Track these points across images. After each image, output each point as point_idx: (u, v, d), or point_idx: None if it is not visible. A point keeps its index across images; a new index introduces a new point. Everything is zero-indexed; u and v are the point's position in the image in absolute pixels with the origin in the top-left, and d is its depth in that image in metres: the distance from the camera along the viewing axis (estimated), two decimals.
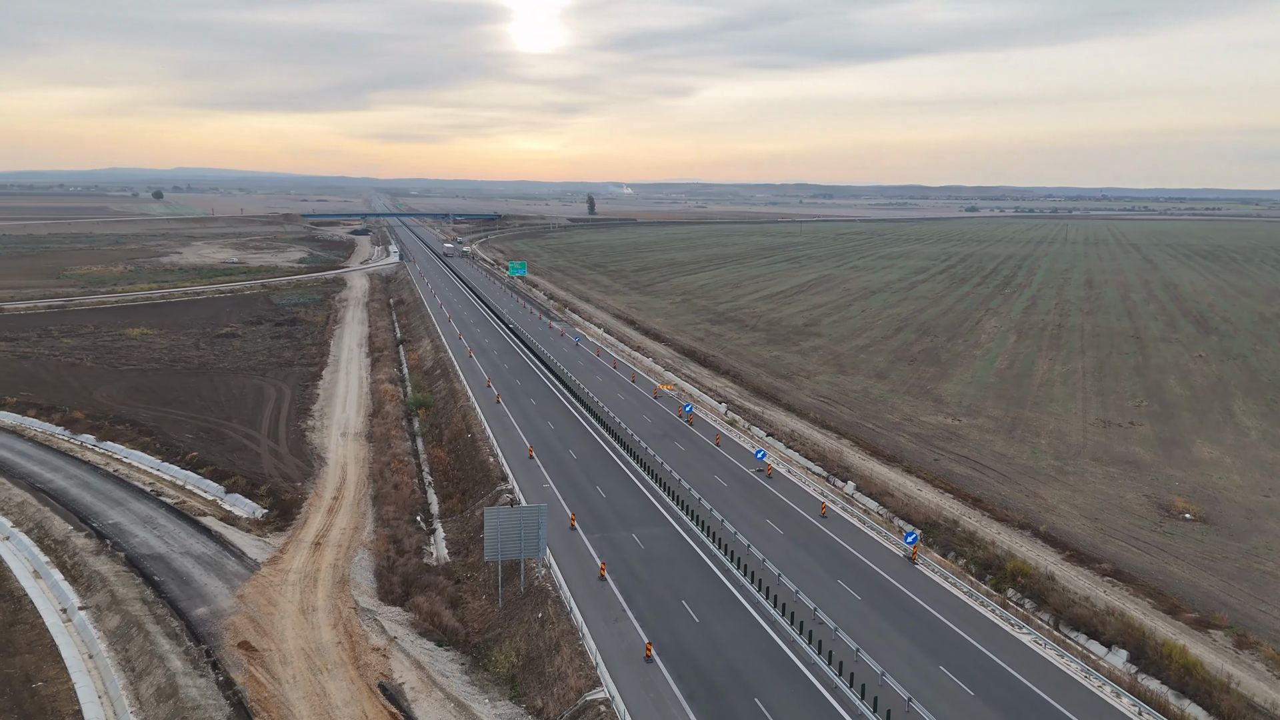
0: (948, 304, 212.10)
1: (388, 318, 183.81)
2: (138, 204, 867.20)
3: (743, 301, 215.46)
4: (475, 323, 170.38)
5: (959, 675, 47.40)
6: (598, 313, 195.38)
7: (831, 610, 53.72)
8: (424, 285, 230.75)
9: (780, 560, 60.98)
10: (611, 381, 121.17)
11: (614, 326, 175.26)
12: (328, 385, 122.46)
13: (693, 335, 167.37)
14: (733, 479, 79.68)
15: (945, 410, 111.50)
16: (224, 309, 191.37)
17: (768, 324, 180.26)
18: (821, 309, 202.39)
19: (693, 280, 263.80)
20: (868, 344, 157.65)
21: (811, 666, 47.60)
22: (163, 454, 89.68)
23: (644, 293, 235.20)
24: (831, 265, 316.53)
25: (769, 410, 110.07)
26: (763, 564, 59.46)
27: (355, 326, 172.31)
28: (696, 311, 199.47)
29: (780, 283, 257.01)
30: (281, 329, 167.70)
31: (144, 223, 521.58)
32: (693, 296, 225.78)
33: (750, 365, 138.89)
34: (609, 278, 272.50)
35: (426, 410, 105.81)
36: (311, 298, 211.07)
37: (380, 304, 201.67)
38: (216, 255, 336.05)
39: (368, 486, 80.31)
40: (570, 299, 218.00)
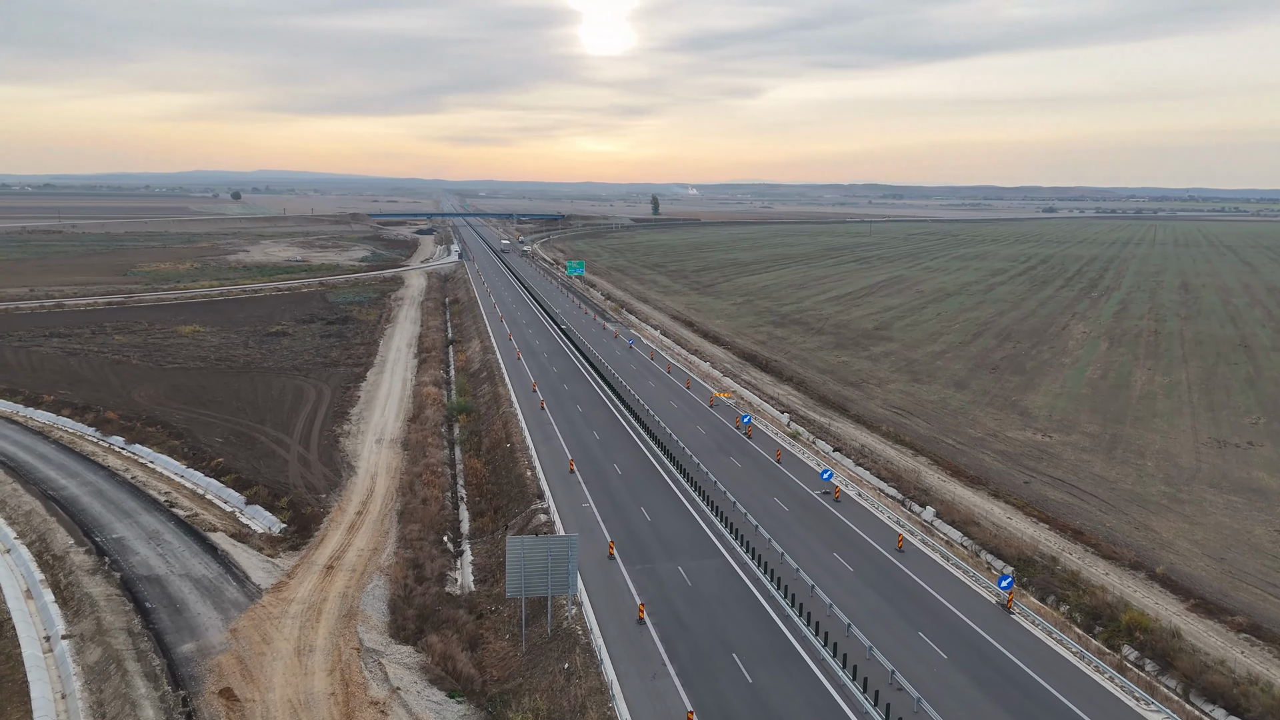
0: (1029, 308, 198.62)
1: (440, 317, 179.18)
2: (216, 204, 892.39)
3: (808, 303, 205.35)
4: (527, 323, 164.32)
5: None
6: (655, 314, 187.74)
7: (913, 673, 44.95)
8: (480, 284, 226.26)
9: (850, 606, 52.38)
10: (664, 388, 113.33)
11: (671, 328, 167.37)
12: (370, 387, 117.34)
13: (754, 338, 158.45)
14: (795, 502, 71.10)
15: (1034, 425, 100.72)
16: (279, 307, 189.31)
17: (835, 327, 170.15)
18: (893, 311, 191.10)
19: (756, 281, 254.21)
20: (944, 349, 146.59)
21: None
22: (189, 459, 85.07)
23: (704, 293, 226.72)
24: (903, 266, 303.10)
25: (836, 422, 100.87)
26: (829, 610, 50.93)
27: (407, 326, 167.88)
28: (759, 313, 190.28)
29: (848, 284, 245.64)
30: (332, 328, 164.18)
31: (218, 222, 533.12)
32: (755, 297, 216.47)
33: (816, 371, 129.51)
34: (669, 278, 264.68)
35: (467, 416, 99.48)
36: (367, 296, 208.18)
37: (435, 303, 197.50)
38: (282, 253, 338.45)
39: (395, 500, 74.00)
40: (627, 299, 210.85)
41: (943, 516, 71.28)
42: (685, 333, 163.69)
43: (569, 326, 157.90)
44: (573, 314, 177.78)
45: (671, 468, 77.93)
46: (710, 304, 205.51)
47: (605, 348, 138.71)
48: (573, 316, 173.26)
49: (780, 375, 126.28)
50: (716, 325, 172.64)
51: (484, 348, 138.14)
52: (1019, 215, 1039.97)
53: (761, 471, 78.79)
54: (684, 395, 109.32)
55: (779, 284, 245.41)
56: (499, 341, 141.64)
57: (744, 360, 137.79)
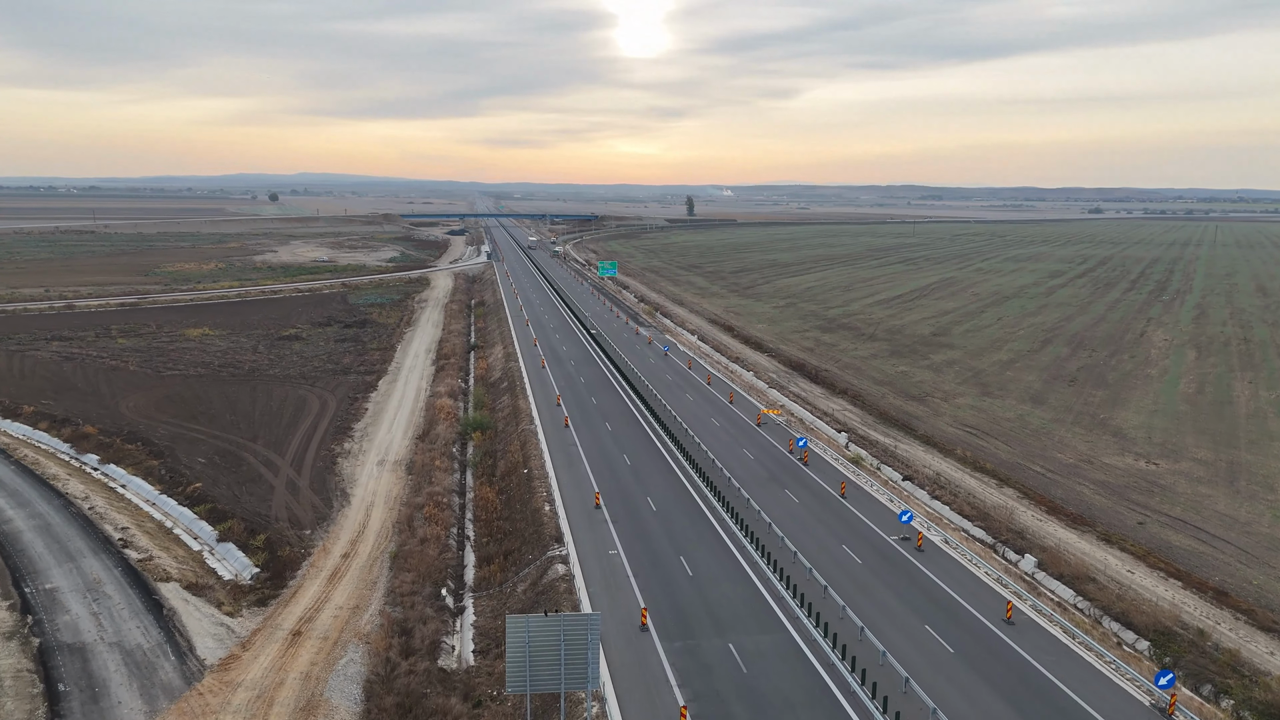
0: (1098, 312, 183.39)
1: (464, 320, 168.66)
2: (253, 206, 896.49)
3: (856, 306, 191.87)
4: (555, 327, 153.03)
5: None
6: (692, 317, 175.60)
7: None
8: (508, 285, 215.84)
9: (959, 710, 39.96)
10: (704, 402, 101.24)
11: (709, 333, 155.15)
12: (380, 398, 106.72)
13: (800, 345, 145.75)
14: (869, 551, 58.71)
15: (1132, 449, 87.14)
16: (296, 309, 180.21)
17: (888, 332, 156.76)
18: (950, 316, 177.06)
19: (798, 282, 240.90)
20: (1012, 358, 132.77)
21: None
22: (165, 483, 74.81)
23: (744, 295, 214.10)
24: (952, 267, 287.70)
25: (902, 443, 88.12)
26: (933, 718, 38.53)
27: (428, 330, 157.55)
28: (803, 317, 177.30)
29: (897, 286, 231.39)
30: (349, 331, 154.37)
31: (251, 223, 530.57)
32: (798, 300, 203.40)
33: (872, 383, 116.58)
34: (705, 279, 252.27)
35: (482, 434, 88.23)
36: (390, 298, 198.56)
37: (460, 305, 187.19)
38: (310, 253, 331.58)
39: (390, 539, 62.85)
40: (662, 301, 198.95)
41: (1047, 568, 58.49)
42: (725, 338, 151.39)
43: (599, 331, 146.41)
44: (603, 317, 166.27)
45: (716, 503, 65.83)
46: (750, 307, 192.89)
47: (638, 355, 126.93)
48: (603, 320, 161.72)
49: (833, 387, 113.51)
50: (758, 330, 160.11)
51: (506, 354, 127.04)
52: (1065, 216, 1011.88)
53: (824, 508, 66.43)
54: (727, 411, 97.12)
55: (823, 286, 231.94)
56: (523, 347, 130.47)
57: (791, 370, 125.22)
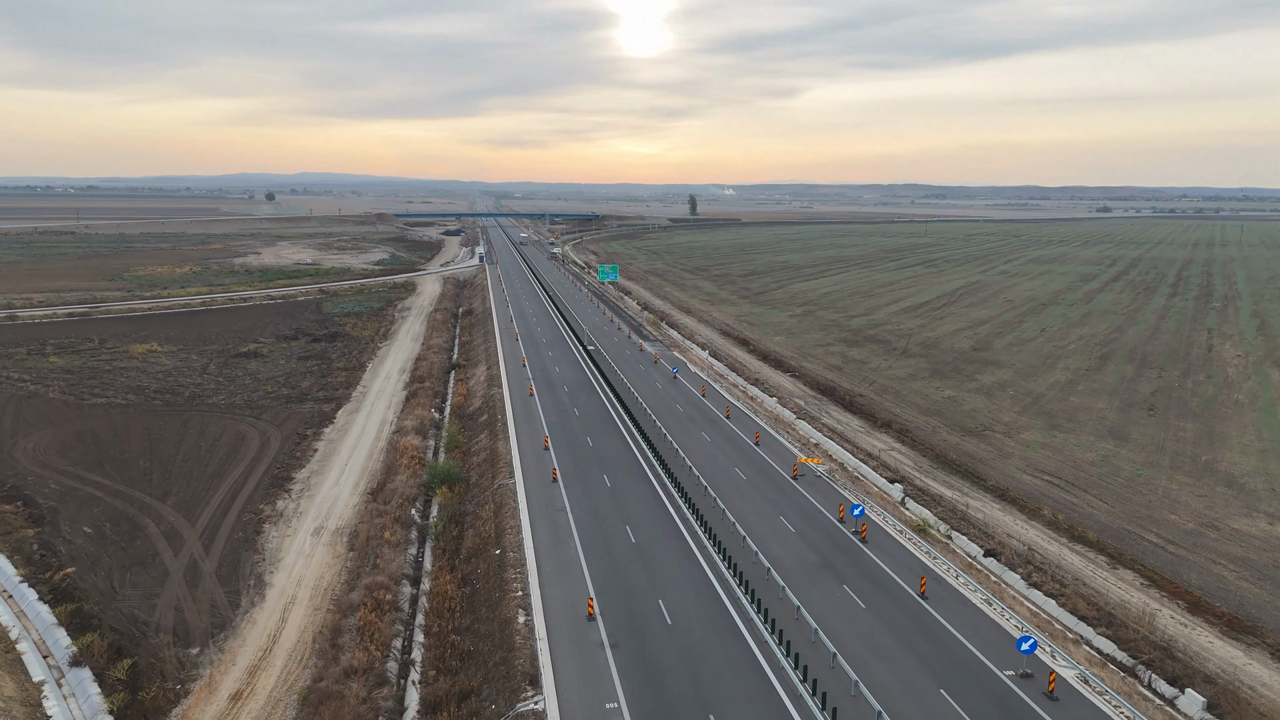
0: (1148, 321, 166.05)
1: (448, 333, 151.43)
2: (248, 205, 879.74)
3: (881, 315, 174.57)
4: (549, 342, 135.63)
5: None
6: (701, 328, 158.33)
7: None
8: (500, 291, 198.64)
9: None
10: (725, 442, 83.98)
11: (722, 348, 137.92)
12: (335, 434, 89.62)
13: (826, 362, 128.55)
14: (982, 698, 41.39)
15: (1261, 506, 69.83)
16: (264, 319, 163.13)
17: (922, 346, 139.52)
18: (987, 326, 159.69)
19: (813, 287, 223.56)
20: (1071, 379, 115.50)
21: None
22: (34, 564, 57.92)
23: (756, 302, 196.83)
24: (975, 270, 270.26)
25: (972, 498, 70.88)
26: None
27: (406, 344, 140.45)
28: (825, 328, 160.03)
29: (921, 291, 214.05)
30: (317, 346, 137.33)
31: (242, 223, 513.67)
32: (816, 307, 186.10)
33: (918, 412, 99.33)
34: (713, 283, 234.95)
35: (450, 489, 71.02)
36: (369, 306, 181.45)
37: (445, 314, 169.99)
38: (294, 255, 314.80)
39: (305, 664, 45.71)
40: (668, 310, 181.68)
41: (1225, 716, 41.27)
42: (740, 354, 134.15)
43: (598, 347, 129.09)
44: (603, 330, 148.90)
45: (754, 613, 48.32)
46: (765, 315, 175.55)
47: (643, 378, 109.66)
48: (603, 333, 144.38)
49: (873, 418, 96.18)
50: (777, 344, 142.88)
51: (490, 377, 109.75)
52: (1074, 215, 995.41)
53: (903, 619, 48.92)
54: (754, 457, 79.78)
55: (841, 291, 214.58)
56: (510, 368, 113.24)
57: (820, 394, 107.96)
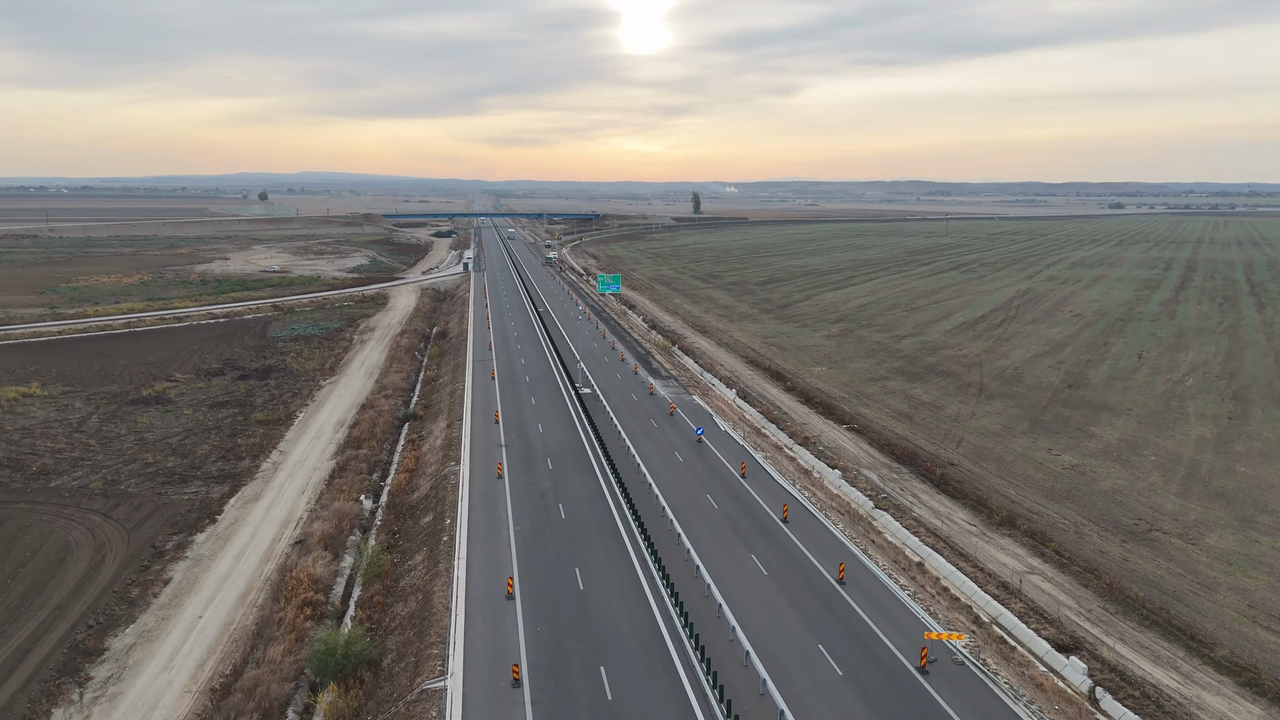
0: (1258, 342, 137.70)
1: (412, 364, 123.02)
2: (239, 205, 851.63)
3: (933, 334, 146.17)
4: (534, 381, 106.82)
5: None
6: (722, 355, 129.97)
7: None
8: (483, 307, 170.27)
9: None
10: (790, 579, 54.84)
11: (752, 385, 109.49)
12: (210, 546, 61.40)
13: (887, 405, 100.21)
14: None
15: None
16: (193, 345, 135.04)
17: (1001, 380, 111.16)
18: (1068, 351, 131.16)
19: (843, 298, 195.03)
20: (1221, 433, 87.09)
21: None
22: None
23: (782, 318, 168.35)
24: (1018, 275, 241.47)
25: (1200, 683, 42.53)
26: None
27: (356, 381, 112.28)
28: (872, 353, 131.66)
29: (969, 302, 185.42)
30: (243, 384, 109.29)
31: (222, 224, 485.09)
32: (854, 324, 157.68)
33: (1040, 494, 70.89)
34: (729, 294, 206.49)
35: (345, 690, 42.43)
36: (325, 326, 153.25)
37: (414, 337, 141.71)
38: (264, 261, 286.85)
39: None
40: (680, 329, 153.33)
41: None
42: (776, 394, 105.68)
43: (596, 391, 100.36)
44: (603, 361, 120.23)
45: None
46: (796, 336, 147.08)
47: (657, 444, 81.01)
48: (603, 368, 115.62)
49: (983, 506, 67.62)
50: (819, 378, 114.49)
51: (449, 440, 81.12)
52: (1088, 212, 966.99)
53: None
54: (844, 612, 50.87)
55: (877, 303, 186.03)
56: (478, 427, 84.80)
57: (895, 462, 79.58)
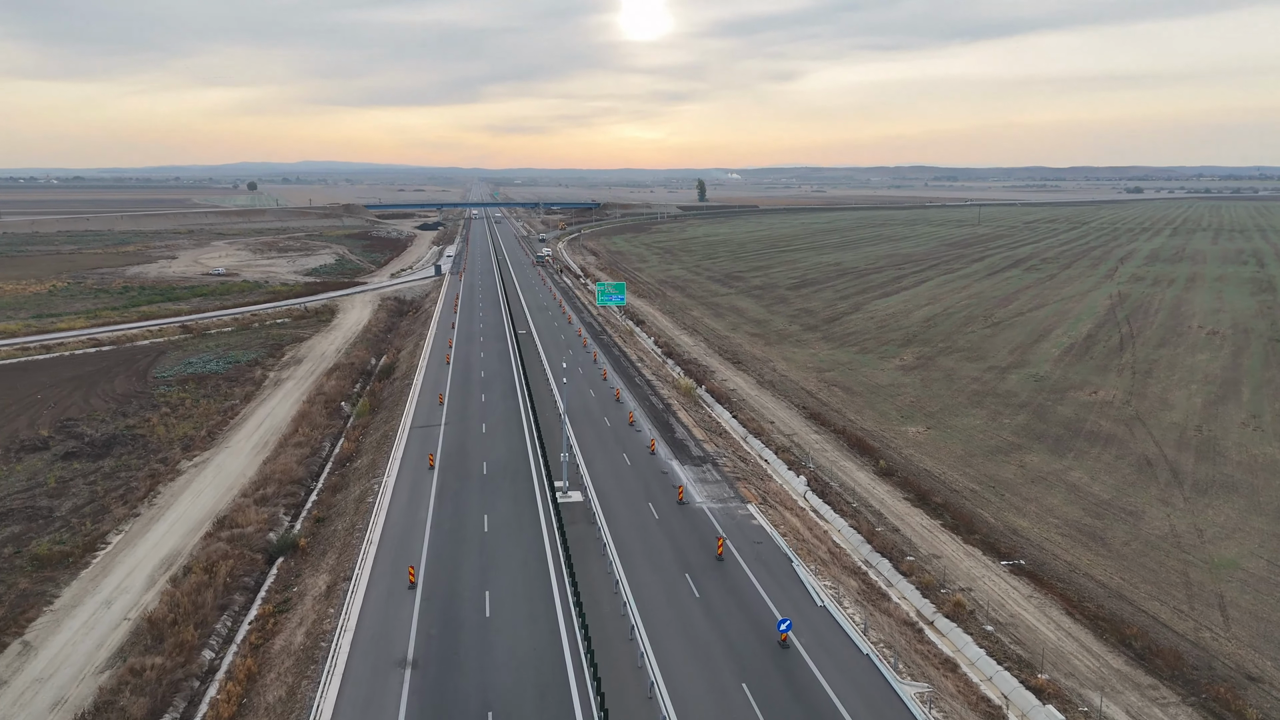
0: None
1: (327, 427, 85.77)
2: (224, 195, 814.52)
3: (1042, 364, 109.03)
4: (495, 468, 69.04)
5: None
6: (770, 404, 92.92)
7: None
8: (446, 327, 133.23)
9: None
10: None
11: (827, 464, 72.46)
12: None
13: (1050, 511, 63.32)
14: None
15: None
16: (36, 392, 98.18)
17: (1193, 450, 74.14)
18: (1251, 394, 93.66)
19: (900, 308, 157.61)
20: None
21: None
22: None
23: (833, 338, 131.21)
24: (1094, 274, 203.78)
25: None
26: None
27: (233, 463, 75.44)
28: (975, 398, 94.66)
29: (1062, 314, 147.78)
30: (63, 469, 72.60)
31: (185, 218, 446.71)
32: (929, 347, 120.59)
33: None
34: (758, 302, 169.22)
35: None
36: (235, 359, 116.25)
37: (347, 378, 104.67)
38: (214, 261, 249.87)
39: None
40: (705, 358, 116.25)
41: None
42: (867, 482, 68.71)
43: (591, 497, 63.05)
44: (603, 423, 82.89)
45: None
46: (860, 368, 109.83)
47: (704, 649, 43.67)
48: (603, 439, 78.15)
49: None
50: (918, 446, 77.41)
51: (313, 635, 44.18)
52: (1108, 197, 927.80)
53: None
54: None
55: (946, 315, 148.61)
56: (376, 597, 48.06)
57: (1145, 669, 42.61)
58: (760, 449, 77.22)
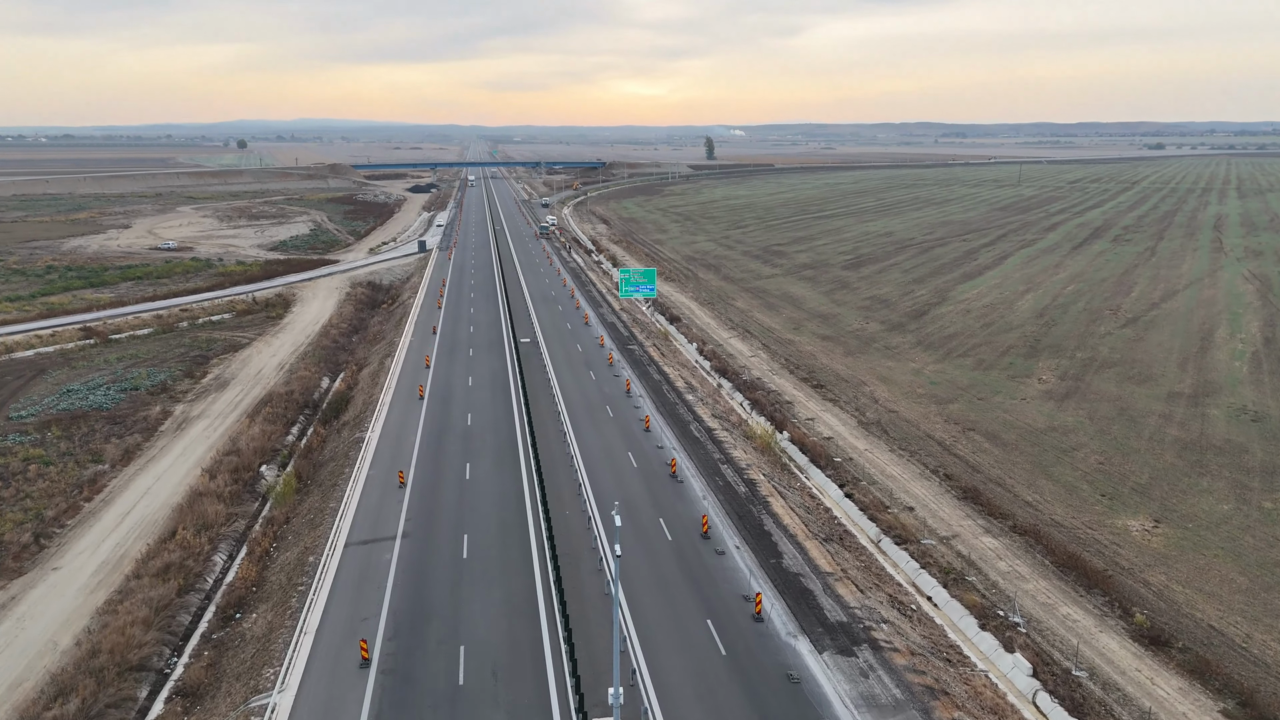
0: None
1: (230, 524, 55.88)
2: (209, 155, 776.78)
3: (1243, 389, 78.56)
4: (484, 659, 40.05)
5: None
6: (884, 461, 62.72)
7: None
8: (426, 332, 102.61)
9: None
10: None
11: (1038, 609, 42.74)
12: None
13: None
14: None
15: None
16: None
17: None
18: None
19: (996, 295, 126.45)
20: None
21: None
22: None
23: (931, 345, 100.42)
24: (1189, 244, 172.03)
25: None
26: None
27: (45, 611, 45.67)
28: (1187, 454, 64.41)
29: (1205, 304, 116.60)
30: None
31: (162, 179, 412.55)
32: (1074, 364, 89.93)
33: None
34: (813, 288, 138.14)
35: None
36: (139, 382, 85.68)
37: (283, 413, 74.36)
38: (172, 232, 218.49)
39: None
40: (771, 380, 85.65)
41: None
42: (1133, 666, 39.09)
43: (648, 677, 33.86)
44: (659, 503, 53.25)
45: None
46: (987, 392, 79.08)
47: None
48: (659, 550, 48.65)
49: None
50: (1147, 556, 47.38)
51: None
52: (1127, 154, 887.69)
53: None
54: None
55: (1057, 306, 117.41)
56: None
57: None
58: (914, 573, 47.33)
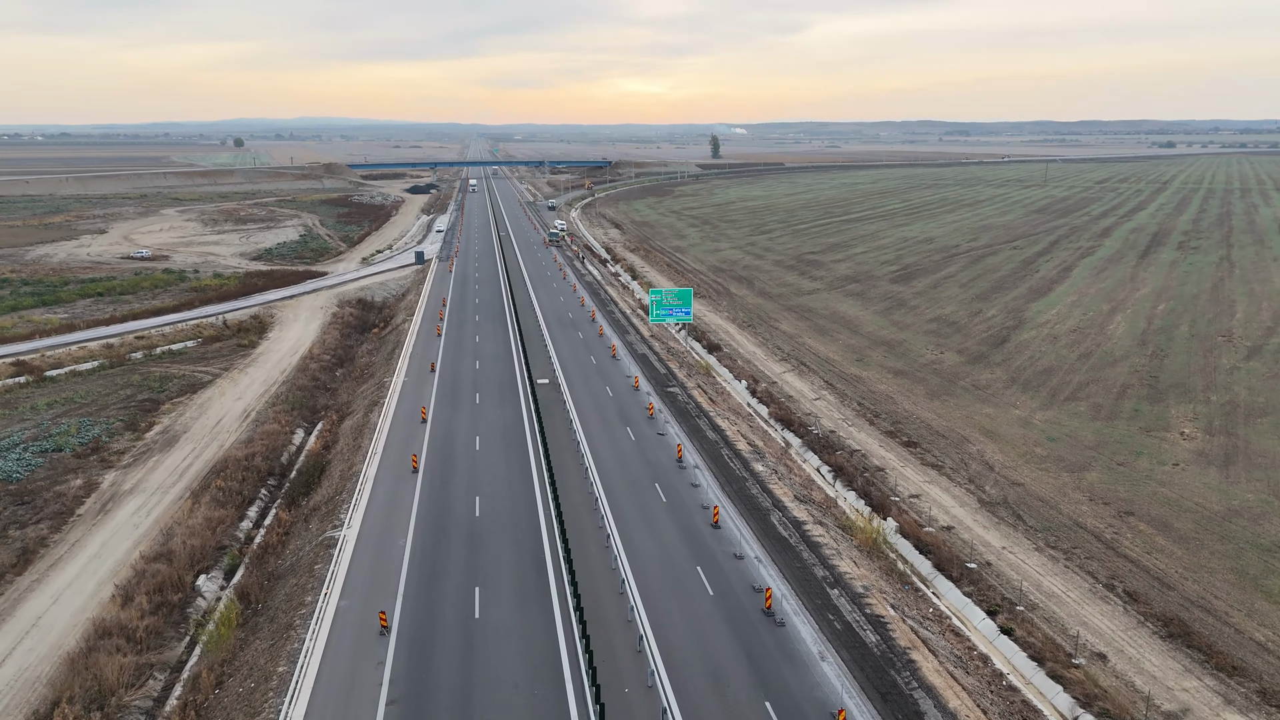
0: None
1: (130, 705, 39.40)
2: (206, 153, 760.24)
3: None
4: None
5: None
6: (1035, 570, 46.10)
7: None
8: (423, 364, 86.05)
9: None
10: None
11: None
12: None
13: None
14: None
15: None
16: None
17: None
18: None
19: (1078, 318, 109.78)
20: None
21: None
22: None
23: (1029, 385, 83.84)
24: (1264, 253, 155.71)
25: None
26: None
27: None
28: None
29: None
30: None
31: (136, 179, 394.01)
32: (1214, 410, 73.35)
33: None
34: (865, 306, 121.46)
35: None
36: (64, 441, 68.91)
37: (238, 490, 57.99)
38: (149, 238, 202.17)
39: None
40: (848, 433, 68.93)
41: None
42: None
43: None
44: (767, 689, 37.11)
45: None
46: (1125, 454, 62.48)
47: None
48: None
49: None
50: None
51: None
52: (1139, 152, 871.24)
53: None
54: None
55: (1158, 331, 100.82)
56: None
57: None
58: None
